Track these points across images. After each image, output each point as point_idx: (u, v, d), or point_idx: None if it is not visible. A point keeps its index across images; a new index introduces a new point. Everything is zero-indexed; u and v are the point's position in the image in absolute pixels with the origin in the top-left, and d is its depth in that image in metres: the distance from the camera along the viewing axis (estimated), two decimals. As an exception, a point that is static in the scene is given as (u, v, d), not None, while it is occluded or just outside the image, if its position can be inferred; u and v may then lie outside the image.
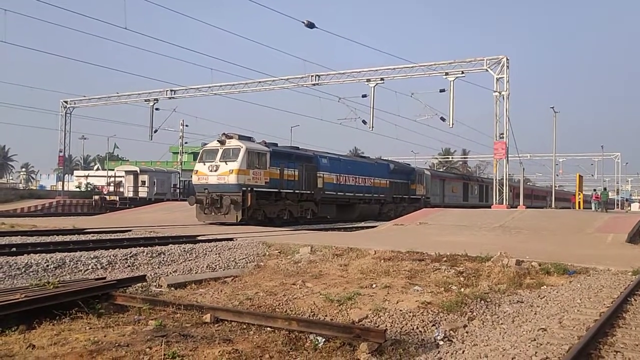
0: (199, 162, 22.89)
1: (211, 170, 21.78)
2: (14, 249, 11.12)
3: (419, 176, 35.86)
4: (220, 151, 21.95)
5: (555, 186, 53.29)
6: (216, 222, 21.42)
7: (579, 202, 42.59)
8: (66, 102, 40.43)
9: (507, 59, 27.06)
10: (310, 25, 22.03)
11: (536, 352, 5.04)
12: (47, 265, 9.49)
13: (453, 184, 44.04)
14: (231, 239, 14.25)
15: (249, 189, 21.41)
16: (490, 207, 28.68)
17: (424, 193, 36.11)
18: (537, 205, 49.84)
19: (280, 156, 23.80)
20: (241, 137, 22.47)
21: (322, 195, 26.04)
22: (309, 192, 25.11)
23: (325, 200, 26.53)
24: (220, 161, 21.69)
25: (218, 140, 22.48)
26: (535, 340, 5.53)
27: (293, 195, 24.20)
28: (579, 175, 46.79)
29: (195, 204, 22.15)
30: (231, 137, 22.22)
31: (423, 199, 35.60)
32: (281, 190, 23.39)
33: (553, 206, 45.64)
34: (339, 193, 27.45)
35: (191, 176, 25.31)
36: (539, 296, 8.05)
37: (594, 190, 45.69)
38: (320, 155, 27.30)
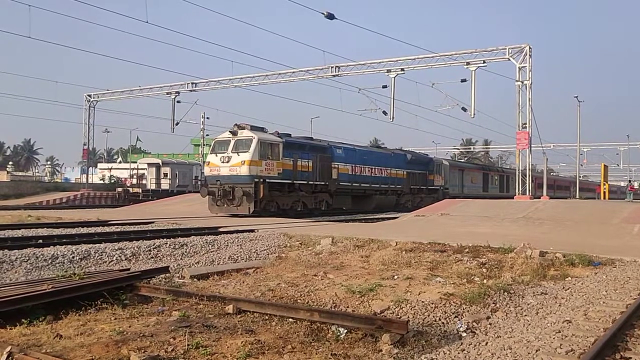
0: (211, 153, 22.78)
1: (223, 162, 21.60)
2: (40, 241, 11.34)
3: (437, 166, 35.48)
4: (232, 142, 21.72)
5: (579, 176, 52.41)
6: (228, 214, 21.34)
7: (604, 193, 41.83)
8: (90, 95, 40.96)
9: (529, 48, 26.54)
10: (330, 17, 21.87)
11: (561, 344, 4.98)
12: (73, 257, 9.68)
13: (472, 174, 43.52)
14: (252, 231, 14.34)
15: (262, 180, 21.22)
16: (511, 198, 28.34)
17: (442, 184, 35.76)
18: (561, 195, 49.12)
19: (294, 147, 23.55)
20: (253, 128, 22.25)
21: (337, 186, 25.79)
22: (323, 183, 24.86)
23: (340, 192, 26.26)
24: (232, 152, 21.48)
25: (230, 131, 22.22)
26: (559, 332, 5.46)
27: (307, 186, 23.98)
28: (604, 165, 45.89)
29: (207, 196, 22.12)
30: (243, 128, 21.97)
31: (441, 189, 35.27)
32: (294, 182, 23.19)
33: (577, 197, 44.92)
34: (354, 184, 27.16)
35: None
36: (564, 288, 7.94)
37: (629, 181, 44.77)
38: (335, 145, 26.98)
